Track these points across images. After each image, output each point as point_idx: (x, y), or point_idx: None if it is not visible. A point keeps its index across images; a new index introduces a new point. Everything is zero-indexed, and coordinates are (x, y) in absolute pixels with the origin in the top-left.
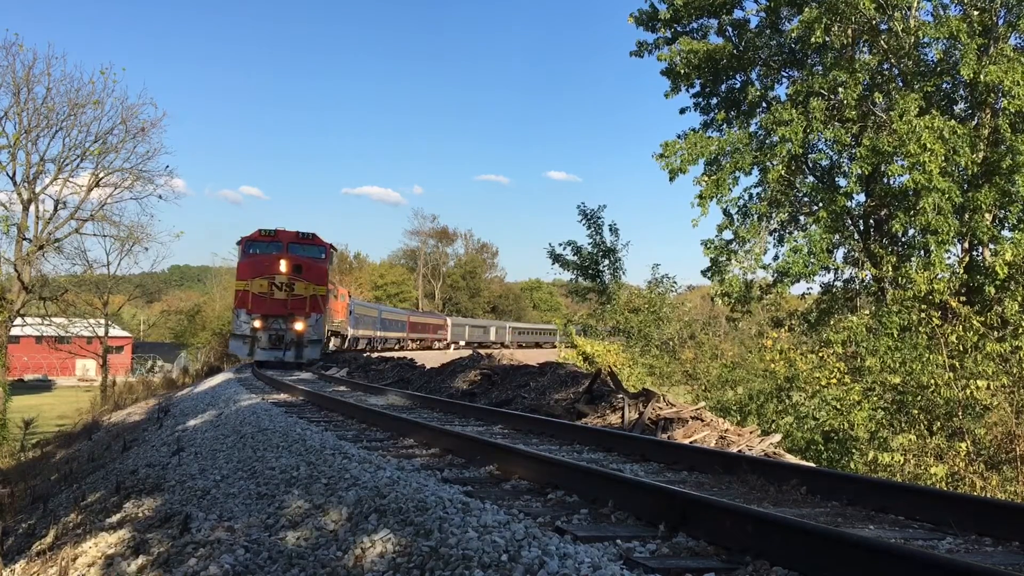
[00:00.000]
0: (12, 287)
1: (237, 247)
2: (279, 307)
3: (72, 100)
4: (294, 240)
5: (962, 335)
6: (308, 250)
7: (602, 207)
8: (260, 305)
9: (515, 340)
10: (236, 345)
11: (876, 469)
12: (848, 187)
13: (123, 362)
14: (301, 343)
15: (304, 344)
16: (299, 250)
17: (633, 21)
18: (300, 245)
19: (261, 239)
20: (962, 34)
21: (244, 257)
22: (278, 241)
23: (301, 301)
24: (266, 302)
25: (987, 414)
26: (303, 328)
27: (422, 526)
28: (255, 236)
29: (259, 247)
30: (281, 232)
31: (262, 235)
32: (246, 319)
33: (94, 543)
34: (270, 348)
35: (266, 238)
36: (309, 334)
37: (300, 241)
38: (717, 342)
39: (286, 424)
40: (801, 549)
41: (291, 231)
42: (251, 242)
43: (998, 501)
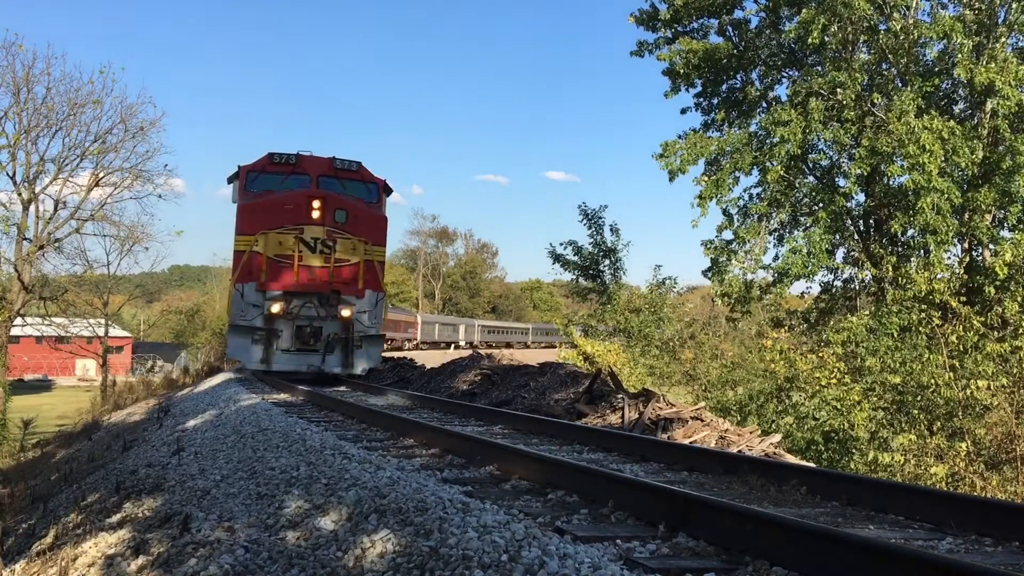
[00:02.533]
0: (12, 287)
1: (232, 185)
2: (314, 280)
3: (72, 100)
4: (328, 172)
5: (962, 335)
6: (352, 187)
7: (603, 207)
8: (280, 277)
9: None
10: (239, 345)
11: (876, 469)
12: (847, 187)
13: (123, 362)
14: (350, 341)
15: (356, 343)
16: (337, 187)
17: (633, 21)
18: (338, 180)
19: (274, 169)
20: (956, 34)
21: (247, 198)
22: (303, 172)
23: (350, 271)
24: (291, 272)
25: (987, 414)
26: (353, 315)
27: (422, 526)
28: (263, 164)
29: (272, 181)
30: (307, 158)
31: (276, 163)
32: (256, 300)
33: (94, 543)
34: (299, 350)
35: (283, 167)
36: (364, 325)
37: (338, 173)
38: (717, 342)
39: (286, 424)
40: (801, 549)
41: (322, 157)
42: (257, 174)
43: (998, 501)
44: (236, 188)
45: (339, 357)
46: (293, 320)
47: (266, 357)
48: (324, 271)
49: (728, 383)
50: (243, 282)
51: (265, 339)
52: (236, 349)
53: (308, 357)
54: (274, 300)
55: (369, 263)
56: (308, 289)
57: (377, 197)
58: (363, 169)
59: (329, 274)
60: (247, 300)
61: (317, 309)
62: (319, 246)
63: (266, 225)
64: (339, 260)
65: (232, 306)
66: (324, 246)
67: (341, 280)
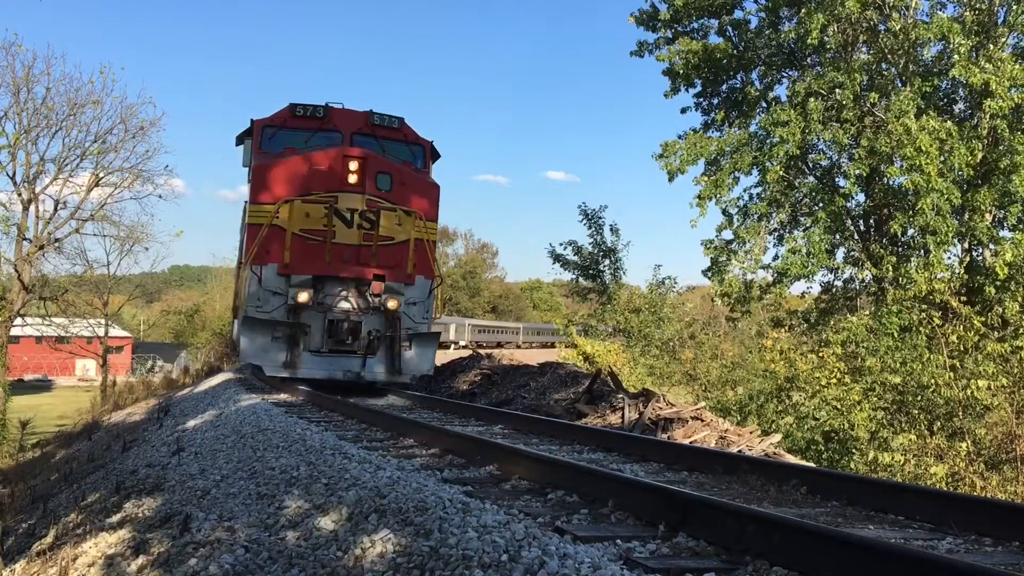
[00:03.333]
0: (12, 287)
1: (243, 145)
2: (351, 262)
3: (72, 100)
4: (364, 129)
5: (962, 335)
6: (393, 149)
7: (603, 207)
8: (308, 257)
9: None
10: (254, 344)
11: (876, 469)
12: (847, 187)
13: (123, 362)
14: (397, 340)
15: (403, 342)
16: (375, 147)
17: (633, 21)
18: (376, 139)
19: (297, 123)
20: (953, 34)
21: (264, 158)
22: (333, 128)
23: (396, 251)
24: (322, 251)
25: (987, 414)
26: (400, 307)
27: (422, 526)
28: (283, 117)
29: (294, 138)
30: (338, 111)
31: (299, 116)
32: (277, 286)
33: (94, 543)
34: (333, 351)
35: (308, 122)
36: (414, 321)
37: (376, 131)
38: (717, 342)
39: (286, 424)
40: (801, 549)
41: (357, 110)
42: (276, 130)
43: (998, 501)
44: (248, 148)
45: (383, 361)
46: (325, 313)
47: (291, 360)
48: (364, 251)
49: (728, 383)
50: (260, 263)
51: (289, 337)
52: (251, 350)
53: (344, 361)
54: (301, 287)
55: (420, 242)
56: (344, 273)
57: (423, 162)
58: (406, 127)
59: (371, 255)
60: (266, 286)
61: (356, 299)
62: (357, 219)
63: (290, 191)
64: (383, 237)
65: (245, 294)
66: (364, 219)
67: (386, 263)
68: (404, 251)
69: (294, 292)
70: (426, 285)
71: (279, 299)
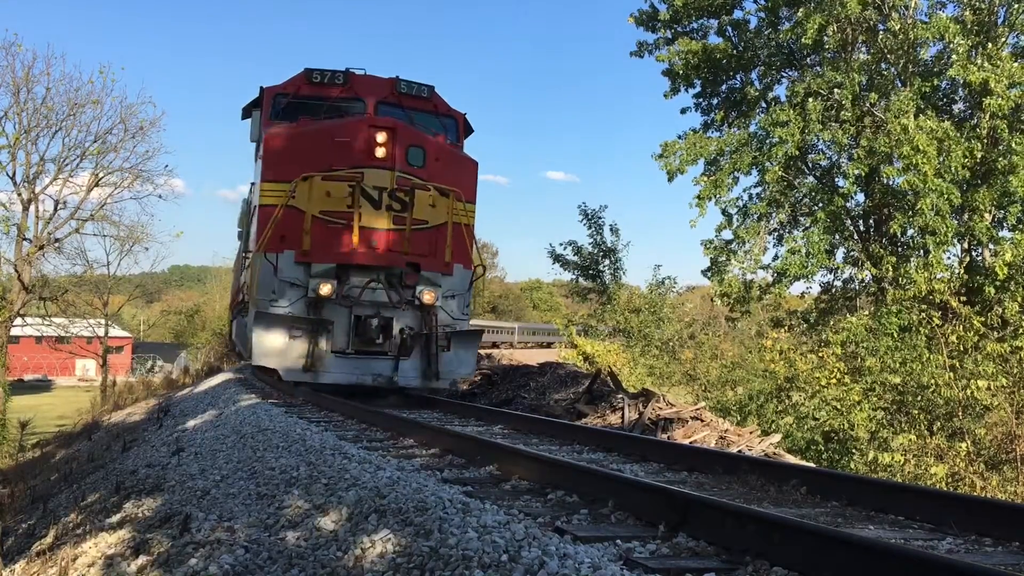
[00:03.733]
0: (12, 287)
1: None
2: (381, 249)
3: (71, 100)
4: (389, 97)
5: (962, 335)
6: (424, 120)
7: (603, 207)
8: (330, 243)
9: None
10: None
11: (876, 469)
12: (846, 188)
13: (123, 362)
14: (433, 339)
15: (440, 342)
16: (403, 117)
17: (633, 21)
18: (404, 109)
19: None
20: (950, 34)
21: (278, 129)
22: (354, 96)
23: (431, 236)
24: (346, 236)
25: (987, 414)
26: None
27: (422, 526)
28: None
29: (310, 108)
30: (360, 78)
31: (316, 83)
32: (295, 276)
33: (94, 543)
34: (360, 352)
35: (327, 89)
36: (452, 317)
37: (403, 100)
38: (717, 342)
39: (286, 424)
40: (801, 549)
41: (380, 77)
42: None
43: (998, 501)
44: (258, 119)
45: (418, 363)
46: (350, 308)
47: (311, 363)
48: (395, 236)
49: (728, 383)
50: (275, 250)
51: (309, 335)
52: (265, 350)
53: (373, 363)
54: (323, 277)
55: (457, 227)
56: (373, 262)
57: (456, 136)
58: (437, 96)
59: (403, 240)
60: (283, 276)
61: (387, 292)
62: (386, 198)
63: (307, 167)
64: (416, 220)
65: (257, 286)
66: (394, 199)
67: (420, 250)
68: (440, 236)
69: (315, 283)
70: (465, 276)
71: (297, 291)
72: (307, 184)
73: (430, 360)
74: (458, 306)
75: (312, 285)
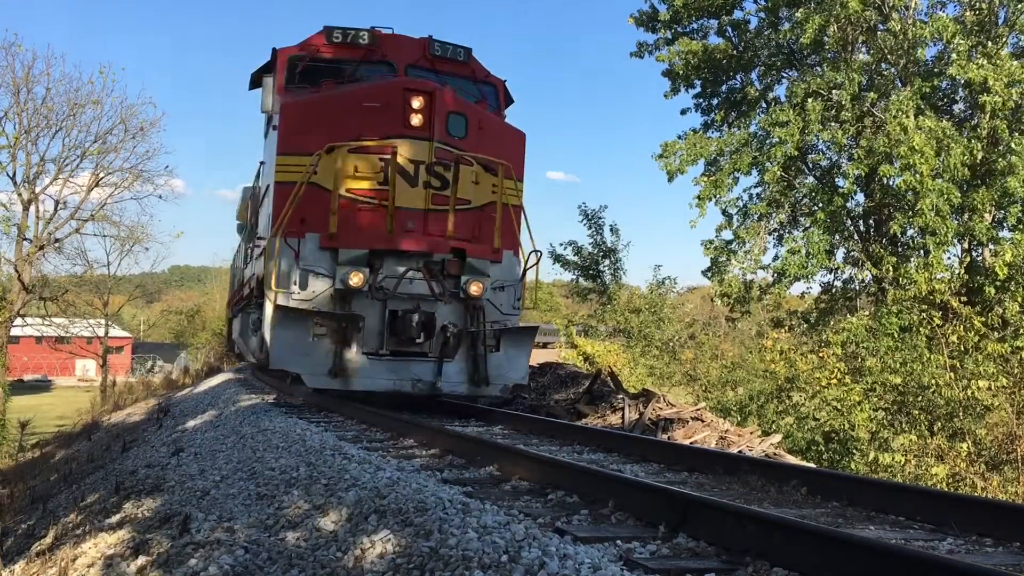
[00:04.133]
0: (12, 287)
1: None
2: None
3: (72, 100)
4: (422, 61)
5: (963, 335)
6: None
7: (603, 207)
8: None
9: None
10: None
11: (877, 470)
12: (846, 188)
13: (123, 362)
14: (480, 338)
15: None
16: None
17: (633, 22)
18: (438, 73)
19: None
20: (949, 34)
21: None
22: (381, 59)
23: (476, 218)
24: (379, 218)
25: (988, 415)
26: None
27: (422, 527)
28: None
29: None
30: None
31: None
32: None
33: (94, 543)
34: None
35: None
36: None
37: (436, 64)
38: (717, 343)
39: (286, 424)
40: (801, 550)
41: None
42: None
43: (999, 502)
44: (270, 86)
45: (463, 366)
46: (385, 301)
47: (339, 366)
48: (436, 218)
49: (728, 383)
50: (296, 234)
51: (336, 334)
52: (284, 351)
53: (412, 366)
54: (353, 266)
55: (506, 208)
56: (412, 247)
57: (496, 106)
58: (474, 61)
59: (445, 223)
60: (305, 265)
61: (428, 282)
62: (424, 174)
63: (332, 137)
64: (460, 200)
65: (275, 275)
66: (433, 174)
67: (465, 233)
68: (485, 218)
69: (344, 272)
70: (515, 264)
71: (323, 282)
72: (332, 158)
73: (477, 362)
74: (508, 299)
75: (340, 275)
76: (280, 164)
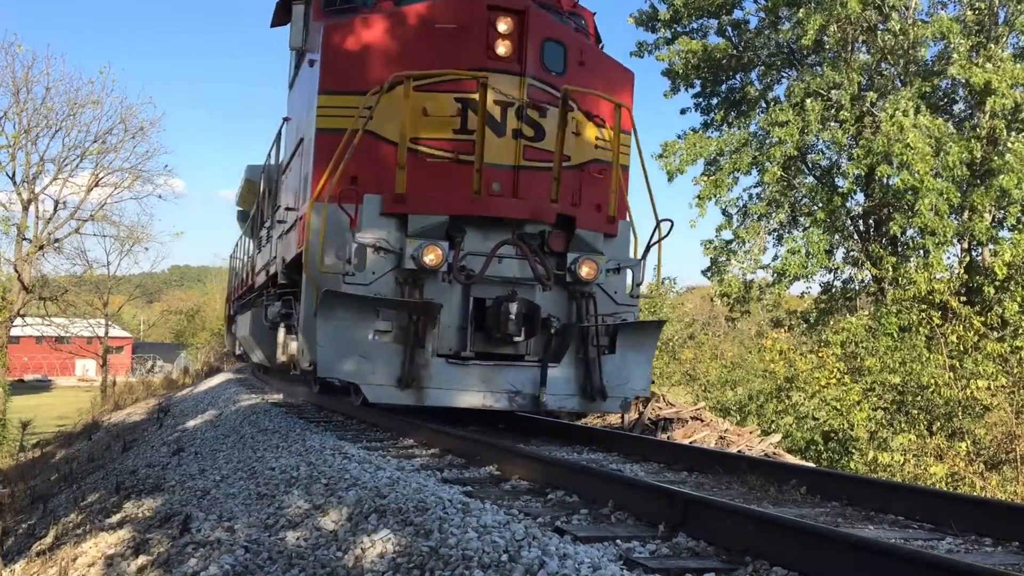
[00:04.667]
0: (12, 287)
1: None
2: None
3: (71, 100)
4: None
5: (962, 335)
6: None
7: None
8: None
9: None
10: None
11: (876, 469)
12: (846, 187)
13: (123, 362)
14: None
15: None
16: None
17: (633, 21)
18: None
19: None
20: (952, 35)
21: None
22: None
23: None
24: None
25: (987, 414)
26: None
27: (422, 526)
28: None
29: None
30: None
31: None
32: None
33: (94, 543)
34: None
35: None
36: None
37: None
38: (717, 342)
39: (286, 424)
40: (801, 549)
41: None
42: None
43: (998, 501)
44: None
45: (572, 372)
46: (467, 285)
47: (409, 374)
48: (530, 178)
49: (728, 383)
50: (347, 198)
51: (406, 330)
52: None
53: (507, 373)
54: (427, 238)
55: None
56: (508, 213)
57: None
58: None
59: (548, 183)
60: (363, 236)
61: (529, 261)
62: (514, 119)
63: (392, 68)
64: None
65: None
66: (525, 120)
67: (573, 198)
68: (589, 179)
69: (415, 247)
70: (630, 240)
71: (386, 260)
72: (393, 97)
73: (589, 368)
74: (621, 285)
75: (410, 250)
76: (323, 107)
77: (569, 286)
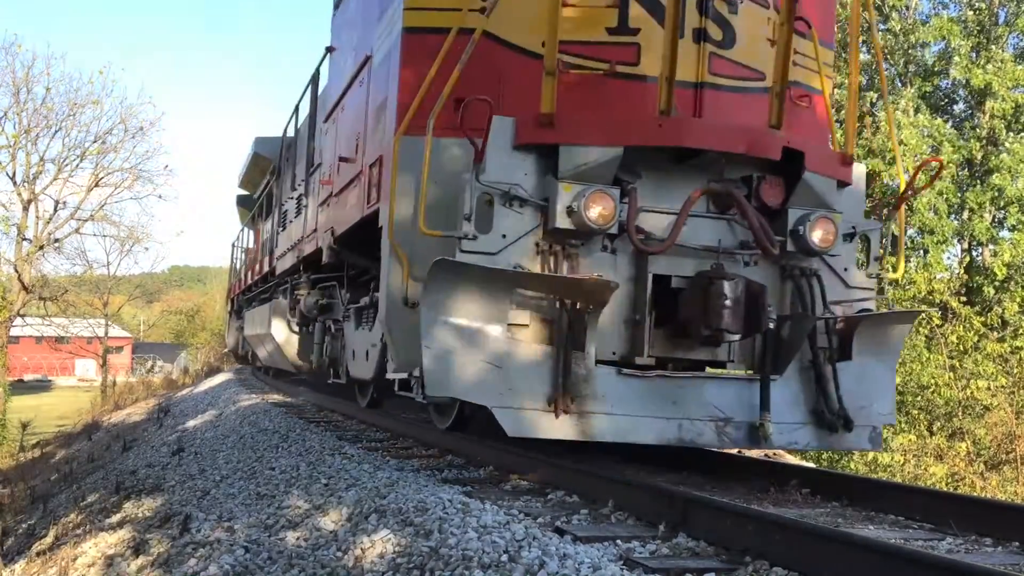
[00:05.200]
0: (12, 287)
1: None
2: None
3: (71, 100)
4: None
5: (962, 335)
6: None
7: None
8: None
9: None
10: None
11: (876, 469)
12: None
13: (123, 362)
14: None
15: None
16: None
17: None
18: None
19: None
20: (954, 36)
21: None
22: None
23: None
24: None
25: (987, 414)
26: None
27: (422, 526)
28: None
29: None
30: None
31: None
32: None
33: (94, 543)
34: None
35: None
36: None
37: None
38: None
39: (286, 424)
40: (801, 549)
41: None
42: None
43: (998, 501)
44: None
45: (800, 391)
46: (645, 257)
47: (565, 391)
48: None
49: None
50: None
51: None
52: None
53: (705, 391)
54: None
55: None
56: (709, 144)
57: None
58: None
59: (773, 103)
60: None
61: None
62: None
63: None
64: (751, 72)
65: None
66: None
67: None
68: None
69: (574, 196)
70: (861, 194)
71: (523, 216)
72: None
73: (821, 382)
74: (854, 260)
75: (565, 200)
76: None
77: (785, 258)
